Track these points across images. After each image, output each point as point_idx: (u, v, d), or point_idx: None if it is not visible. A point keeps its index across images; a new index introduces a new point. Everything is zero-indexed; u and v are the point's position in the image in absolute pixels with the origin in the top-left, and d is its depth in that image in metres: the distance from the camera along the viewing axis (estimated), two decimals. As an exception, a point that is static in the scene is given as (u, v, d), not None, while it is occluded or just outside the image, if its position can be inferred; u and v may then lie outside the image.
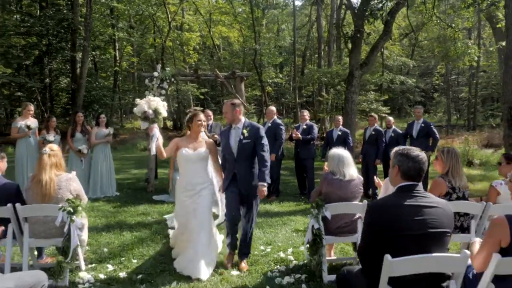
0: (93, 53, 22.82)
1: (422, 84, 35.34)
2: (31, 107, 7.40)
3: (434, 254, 2.25)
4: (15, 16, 21.74)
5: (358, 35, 11.41)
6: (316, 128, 8.13)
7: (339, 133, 8.06)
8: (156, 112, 4.18)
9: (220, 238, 4.81)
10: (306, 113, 8.18)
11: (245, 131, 4.19)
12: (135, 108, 4.28)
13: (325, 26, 26.91)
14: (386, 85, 29.07)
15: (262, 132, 4.26)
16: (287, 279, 3.84)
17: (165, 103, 4.33)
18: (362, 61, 12.00)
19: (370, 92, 25.26)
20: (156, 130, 4.19)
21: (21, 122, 7.20)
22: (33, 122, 7.38)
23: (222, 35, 28.43)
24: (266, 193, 4.15)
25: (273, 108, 8.13)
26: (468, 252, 2.27)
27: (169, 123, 27.22)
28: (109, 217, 6.24)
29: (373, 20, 11.51)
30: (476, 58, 17.09)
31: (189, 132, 4.41)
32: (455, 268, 2.33)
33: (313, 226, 3.75)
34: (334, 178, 3.96)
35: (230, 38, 29.10)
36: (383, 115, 17.25)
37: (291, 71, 29.41)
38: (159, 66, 8.20)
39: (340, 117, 8.46)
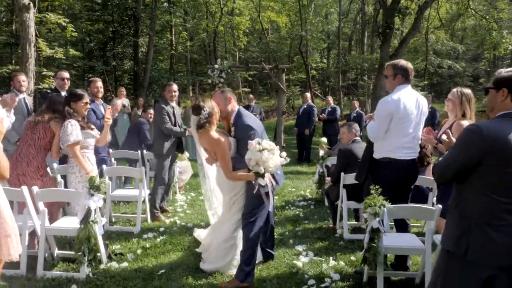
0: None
1: (471, 69, 35.38)
2: (123, 90, 10.11)
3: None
4: (85, 3, 24.61)
5: (388, 30, 13.09)
6: (338, 110, 10.35)
7: (355, 114, 10.26)
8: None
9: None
10: (330, 99, 10.47)
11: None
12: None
13: (371, 12, 27.99)
14: (433, 69, 29.90)
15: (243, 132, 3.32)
16: (302, 203, 6.16)
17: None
18: (392, 53, 13.67)
19: (408, 78, 26.25)
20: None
21: (118, 101, 9.81)
22: (127, 102, 10.04)
23: (270, 19, 30.08)
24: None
25: (308, 94, 10.56)
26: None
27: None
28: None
29: (402, 17, 13.13)
30: (510, 47, 17.97)
31: (215, 124, 3.40)
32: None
33: (319, 170, 5.96)
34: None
35: (278, 23, 30.72)
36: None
37: (338, 54, 30.74)
38: (219, 60, 10.58)
39: (356, 102, 10.68)
